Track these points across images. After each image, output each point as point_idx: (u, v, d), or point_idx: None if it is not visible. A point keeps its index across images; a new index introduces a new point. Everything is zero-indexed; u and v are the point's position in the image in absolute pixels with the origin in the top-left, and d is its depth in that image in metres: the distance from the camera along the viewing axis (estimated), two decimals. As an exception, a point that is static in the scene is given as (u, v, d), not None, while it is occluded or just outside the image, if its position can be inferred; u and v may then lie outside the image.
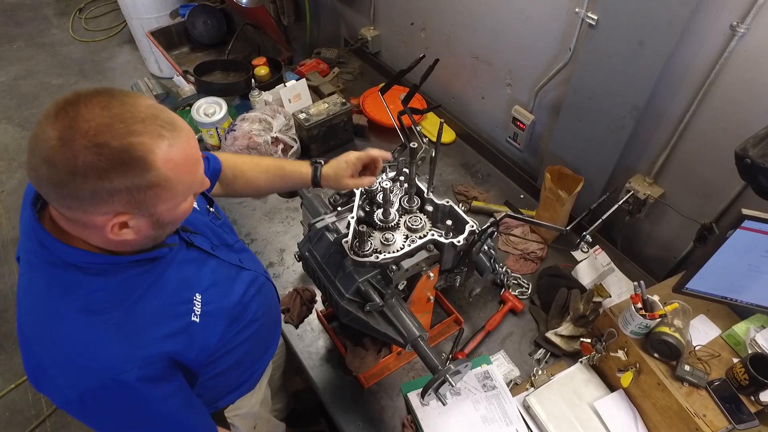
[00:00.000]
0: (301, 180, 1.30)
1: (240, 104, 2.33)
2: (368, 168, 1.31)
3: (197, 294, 0.96)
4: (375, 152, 1.28)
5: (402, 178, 1.35)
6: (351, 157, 1.27)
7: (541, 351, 1.55)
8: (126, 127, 0.73)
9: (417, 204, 1.32)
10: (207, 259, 1.03)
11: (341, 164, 1.27)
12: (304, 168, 1.30)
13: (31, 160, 0.73)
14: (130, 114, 0.74)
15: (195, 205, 0.96)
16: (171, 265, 0.94)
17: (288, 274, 1.75)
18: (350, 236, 1.21)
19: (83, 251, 0.83)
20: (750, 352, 1.30)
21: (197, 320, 0.94)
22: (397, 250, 1.21)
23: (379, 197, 1.30)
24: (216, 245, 1.08)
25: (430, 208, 1.32)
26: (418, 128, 1.43)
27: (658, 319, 1.27)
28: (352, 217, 1.25)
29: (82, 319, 0.83)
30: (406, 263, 1.21)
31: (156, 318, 0.89)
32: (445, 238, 1.23)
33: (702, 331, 1.40)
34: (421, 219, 1.28)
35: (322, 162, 1.28)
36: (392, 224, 1.27)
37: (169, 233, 0.90)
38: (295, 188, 1.40)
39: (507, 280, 1.70)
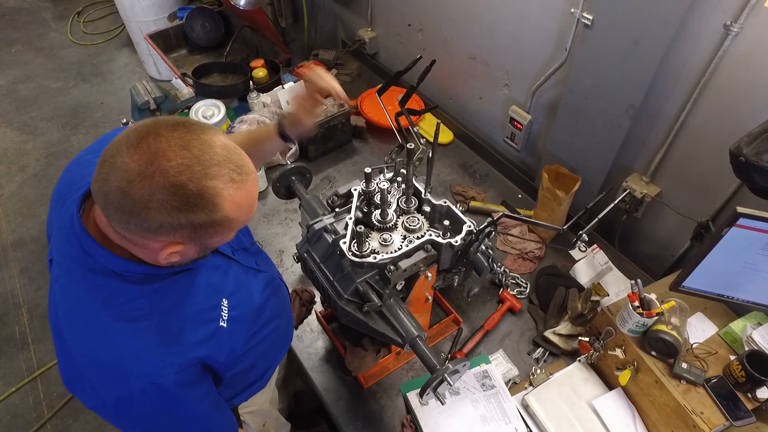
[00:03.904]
0: (269, 136, 1.25)
1: (238, 106, 2.34)
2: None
3: (224, 299, 0.99)
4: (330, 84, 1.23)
5: (399, 178, 1.36)
6: (298, 97, 1.26)
7: (540, 350, 1.55)
8: (203, 170, 0.75)
9: (414, 204, 1.33)
10: (230, 263, 1.06)
11: (296, 101, 1.25)
12: (268, 127, 1.26)
13: (101, 183, 0.75)
14: (208, 156, 0.76)
15: None
16: (201, 270, 0.97)
17: (287, 276, 1.75)
18: (348, 237, 1.21)
19: (128, 261, 0.86)
20: (747, 349, 1.30)
21: (225, 325, 0.96)
22: (395, 251, 1.21)
23: (377, 198, 1.30)
24: (235, 249, 1.10)
25: (427, 209, 1.33)
26: (415, 129, 1.44)
27: (656, 317, 1.28)
28: (350, 218, 1.26)
29: (122, 327, 0.85)
30: (404, 263, 1.21)
31: (189, 324, 0.92)
32: (443, 238, 1.24)
33: (699, 329, 1.40)
34: (418, 219, 1.29)
35: (280, 115, 1.24)
36: (390, 225, 1.27)
37: (203, 256, 0.94)
38: (272, 151, 1.36)
39: (505, 280, 1.71)
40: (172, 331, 0.89)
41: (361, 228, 1.16)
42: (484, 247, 1.35)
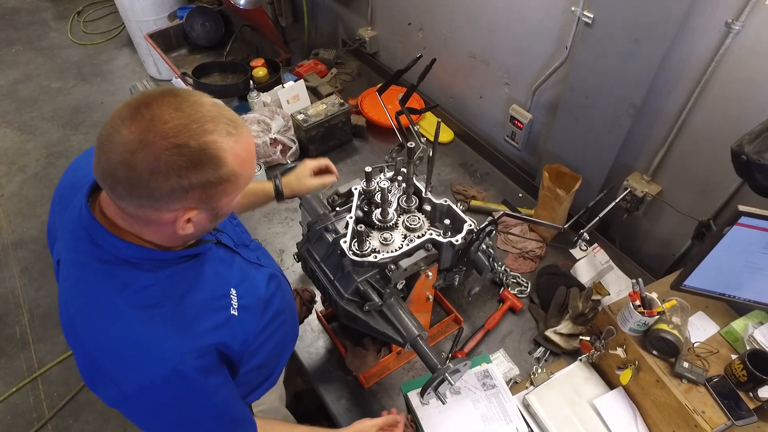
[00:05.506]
0: (265, 195, 1.41)
1: (238, 106, 2.34)
2: (324, 173, 1.46)
3: (232, 289, 0.99)
4: (327, 160, 1.46)
5: (400, 177, 1.36)
6: (308, 162, 1.44)
7: (541, 349, 1.55)
8: (200, 127, 0.77)
9: (415, 203, 1.32)
10: (234, 256, 1.06)
11: (300, 169, 1.42)
12: (267, 185, 1.40)
13: (104, 163, 0.76)
14: (201, 114, 0.78)
15: None
16: (208, 261, 0.97)
17: (288, 275, 1.74)
18: (349, 236, 1.21)
19: (139, 247, 0.86)
20: (748, 348, 1.30)
21: (236, 314, 0.97)
22: (396, 250, 1.21)
23: (378, 197, 1.30)
24: (237, 244, 1.11)
25: (428, 208, 1.33)
26: (415, 128, 1.44)
27: (657, 317, 1.27)
28: (351, 217, 1.26)
29: (138, 314, 0.85)
30: (405, 263, 1.21)
31: (202, 311, 0.92)
32: (444, 237, 1.24)
33: (700, 328, 1.40)
34: (419, 218, 1.28)
35: (279, 174, 1.39)
36: (390, 224, 1.27)
37: (215, 227, 0.95)
38: (263, 205, 1.48)
39: (506, 279, 1.71)
40: (186, 318, 0.89)
41: (361, 227, 1.16)
42: (484, 246, 1.35)
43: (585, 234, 1.26)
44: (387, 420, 1.24)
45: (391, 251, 1.21)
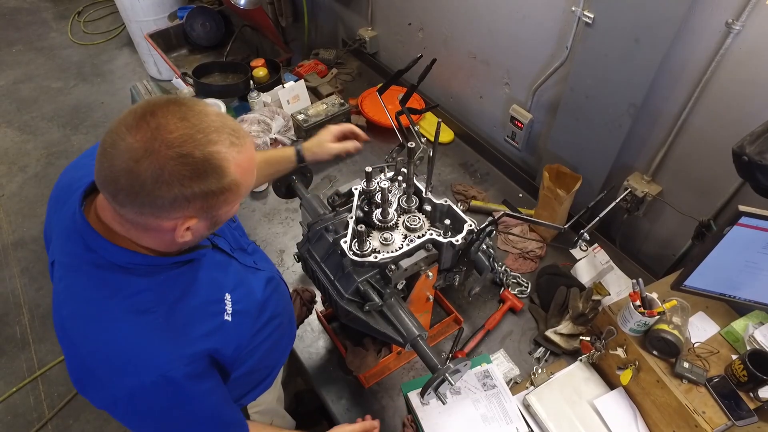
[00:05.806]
0: (287, 161, 1.41)
1: (239, 106, 2.34)
2: (347, 139, 1.50)
3: (227, 294, 0.99)
4: (353, 126, 1.49)
5: (400, 177, 1.35)
6: (331, 127, 1.46)
7: (541, 349, 1.55)
8: (205, 137, 0.77)
9: (415, 203, 1.32)
10: (230, 261, 1.06)
11: (322, 134, 1.46)
12: (288, 150, 1.42)
13: (107, 170, 0.76)
14: (206, 124, 0.78)
15: None
16: (202, 266, 0.97)
17: (288, 275, 1.75)
18: (349, 236, 1.21)
19: (132, 252, 0.86)
20: (748, 348, 1.30)
21: (229, 319, 0.97)
22: (396, 250, 1.21)
23: (378, 197, 1.30)
24: (234, 248, 1.11)
25: (428, 208, 1.33)
26: (416, 128, 1.44)
27: (657, 317, 1.27)
28: (351, 217, 1.26)
29: (130, 319, 0.85)
30: (405, 263, 1.21)
31: (195, 317, 0.92)
32: (444, 238, 1.23)
33: (700, 328, 1.40)
34: (419, 218, 1.28)
35: (300, 139, 1.41)
36: (391, 224, 1.27)
37: (211, 234, 0.95)
38: (285, 172, 1.47)
39: (506, 279, 1.71)
40: (178, 323, 0.89)
41: (361, 227, 1.15)
42: (485, 247, 1.35)
43: (585, 234, 1.26)
44: (364, 426, 1.25)
45: (392, 251, 1.20)
